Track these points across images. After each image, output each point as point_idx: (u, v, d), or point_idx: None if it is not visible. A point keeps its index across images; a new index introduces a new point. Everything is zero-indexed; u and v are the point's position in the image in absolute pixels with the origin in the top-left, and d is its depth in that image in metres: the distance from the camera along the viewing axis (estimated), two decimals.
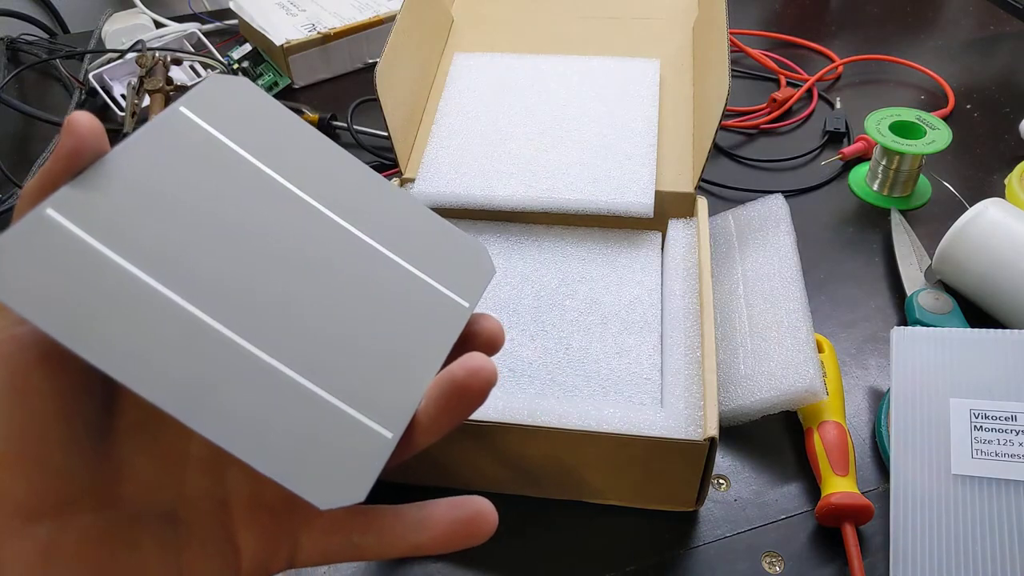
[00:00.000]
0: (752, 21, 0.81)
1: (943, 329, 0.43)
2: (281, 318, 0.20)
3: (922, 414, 0.40)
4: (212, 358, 0.19)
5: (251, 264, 0.21)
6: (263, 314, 0.20)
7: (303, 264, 0.22)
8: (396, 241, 0.24)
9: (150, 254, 0.19)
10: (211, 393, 0.18)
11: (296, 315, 0.21)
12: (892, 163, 0.58)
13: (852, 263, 0.55)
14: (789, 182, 0.61)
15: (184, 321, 0.19)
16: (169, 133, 0.21)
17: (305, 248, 0.22)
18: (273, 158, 0.23)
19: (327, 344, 0.21)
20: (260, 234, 0.21)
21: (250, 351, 0.19)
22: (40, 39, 0.82)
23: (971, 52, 0.77)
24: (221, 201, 0.21)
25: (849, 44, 0.77)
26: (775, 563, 0.39)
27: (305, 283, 0.21)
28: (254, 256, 0.21)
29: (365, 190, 0.24)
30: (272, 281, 0.21)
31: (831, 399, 0.43)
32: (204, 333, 0.19)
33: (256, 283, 0.20)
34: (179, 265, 0.19)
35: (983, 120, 0.68)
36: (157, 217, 0.20)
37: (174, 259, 0.19)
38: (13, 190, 0.61)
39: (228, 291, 0.20)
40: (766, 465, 0.43)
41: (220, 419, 0.18)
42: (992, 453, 0.38)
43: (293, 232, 0.22)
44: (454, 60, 0.59)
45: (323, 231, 0.22)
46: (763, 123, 0.67)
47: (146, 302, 0.19)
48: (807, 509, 0.41)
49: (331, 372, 0.20)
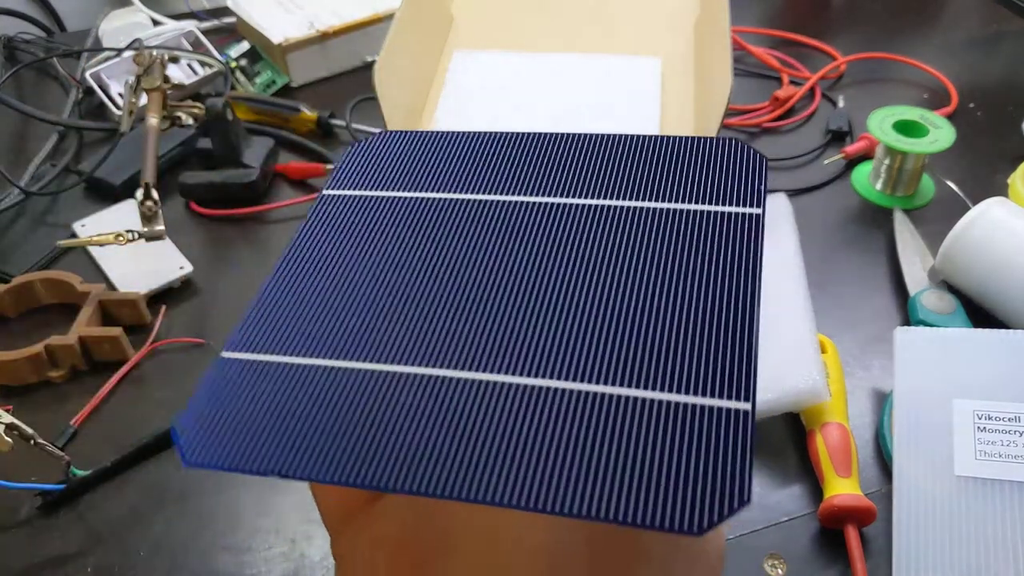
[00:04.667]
0: (754, 19, 0.81)
1: (946, 329, 0.42)
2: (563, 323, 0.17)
3: (925, 415, 0.40)
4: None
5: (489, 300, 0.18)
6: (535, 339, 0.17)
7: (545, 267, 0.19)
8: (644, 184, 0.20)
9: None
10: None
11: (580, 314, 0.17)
12: (895, 162, 0.58)
13: (855, 263, 0.54)
14: (791, 181, 0.61)
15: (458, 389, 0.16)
16: (325, 220, 0.20)
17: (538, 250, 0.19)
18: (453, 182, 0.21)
19: (621, 333, 0.17)
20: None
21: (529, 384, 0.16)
22: (37, 38, 0.81)
23: (974, 50, 0.76)
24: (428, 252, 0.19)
25: (851, 42, 0.76)
26: (777, 566, 0.39)
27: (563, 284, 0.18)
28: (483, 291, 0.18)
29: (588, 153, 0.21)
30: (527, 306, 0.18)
31: (834, 400, 0.43)
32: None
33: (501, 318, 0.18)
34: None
35: (986, 119, 0.67)
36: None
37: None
38: (10, 190, 0.61)
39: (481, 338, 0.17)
40: (768, 467, 0.43)
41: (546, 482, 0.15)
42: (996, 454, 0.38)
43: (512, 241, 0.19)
44: (454, 58, 0.59)
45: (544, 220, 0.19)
46: (765, 122, 0.67)
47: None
48: (810, 511, 0.41)
49: (636, 364, 0.16)
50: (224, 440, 0.16)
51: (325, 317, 0.18)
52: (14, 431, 0.40)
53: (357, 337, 0.17)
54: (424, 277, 0.19)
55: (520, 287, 0.18)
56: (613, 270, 0.18)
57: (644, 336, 0.17)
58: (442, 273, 0.19)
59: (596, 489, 0.14)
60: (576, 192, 0.20)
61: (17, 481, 0.41)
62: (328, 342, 0.17)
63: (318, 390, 0.17)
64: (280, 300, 0.18)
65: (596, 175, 0.20)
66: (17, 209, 0.61)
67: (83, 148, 0.67)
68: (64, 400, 0.47)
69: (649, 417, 0.16)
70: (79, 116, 0.69)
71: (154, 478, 0.43)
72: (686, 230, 0.19)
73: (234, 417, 0.16)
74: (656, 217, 0.19)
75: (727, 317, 0.17)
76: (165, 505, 0.42)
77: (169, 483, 0.43)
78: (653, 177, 0.20)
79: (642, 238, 0.19)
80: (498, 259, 0.19)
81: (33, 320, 0.52)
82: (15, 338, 0.51)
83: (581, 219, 0.19)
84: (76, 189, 0.62)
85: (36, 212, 0.61)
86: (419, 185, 0.21)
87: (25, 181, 0.62)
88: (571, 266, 0.18)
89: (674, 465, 0.15)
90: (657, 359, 0.16)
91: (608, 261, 0.18)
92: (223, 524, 0.41)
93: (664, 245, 0.19)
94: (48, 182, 0.63)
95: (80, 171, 0.63)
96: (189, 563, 0.40)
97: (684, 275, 0.18)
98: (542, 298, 0.18)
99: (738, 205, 0.19)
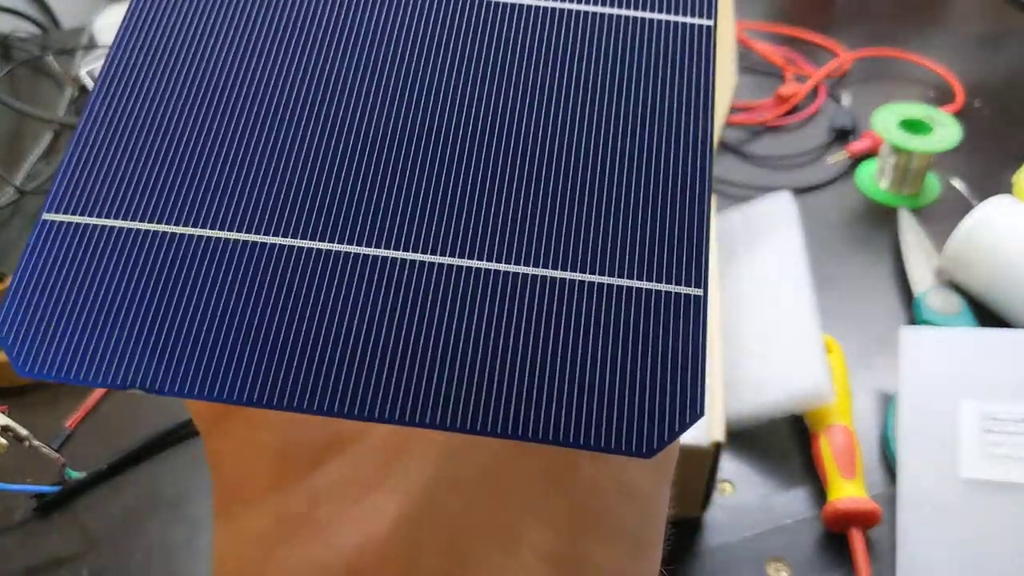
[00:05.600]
0: (758, 15, 0.80)
1: (952, 329, 0.42)
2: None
3: (931, 416, 0.39)
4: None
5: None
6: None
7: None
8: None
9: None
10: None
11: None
12: (900, 161, 0.57)
13: (859, 262, 0.54)
14: (795, 179, 0.60)
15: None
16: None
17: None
18: None
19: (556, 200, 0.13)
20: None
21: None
22: (32, 35, 0.81)
23: (980, 48, 0.76)
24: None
25: (856, 38, 0.76)
26: (781, 569, 0.38)
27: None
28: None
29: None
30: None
31: (838, 402, 0.42)
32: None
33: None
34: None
35: (991, 117, 0.67)
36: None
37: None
38: (5, 189, 0.60)
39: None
40: (772, 469, 0.42)
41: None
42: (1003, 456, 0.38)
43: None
44: None
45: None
46: (769, 119, 0.66)
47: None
48: (813, 514, 0.40)
49: (573, 243, 0.13)
50: (67, 338, 0.12)
51: (169, 164, 0.13)
52: (8, 432, 0.39)
53: (213, 196, 0.13)
54: (287, 104, 0.14)
55: (423, 111, 0.14)
56: (541, 98, 0.14)
57: (579, 197, 0.13)
58: (303, 91, 0.14)
59: (519, 403, 0.11)
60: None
61: (12, 483, 0.40)
62: (177, 201, 0.13)
63: (175, 268, 0.12)
64: (110, 140, 0.13)
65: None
66: (12, 208, 0.60)
67: None
68: (59, 402, 0.47)
69: (578, 303, 0.12)
70: (74, 114, 0.69)
71: (150, 480, 0.43)
72: (631, 44, 0.14)
73: (74, 304, 0.12)
74: (592, 25, 0.15)
75: (678, 176, 0.13)
76: (161, 508, 0.42)
77: (165, 486, 0.43)
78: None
79: (577, 54, 0.14)
80: (382, 64, 0.14)
81: None
82: None
83: (497, 18, 0.14)
84: None
85: (31, 211, 0.61)
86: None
87: (20, 180, 0.62)
88: (486, 81, 0.14)
89: (617, 370, 0.12)
90: (596, 229, 0.13)
91: (535, 86, 0.14)
92: None
93: (605, 69, 0.14)
94: (43, 181, 0.62)
95: None
96: (185, 566, 0.39)
97: (630, 113, 0.14)
98: (449, 129, 0.13)
99: (686, 14, 0.15)
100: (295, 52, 0.14)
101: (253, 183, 0.13)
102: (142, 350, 0.12)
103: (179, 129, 0.14)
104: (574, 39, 0.14)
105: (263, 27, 0.14)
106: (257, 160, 0.13)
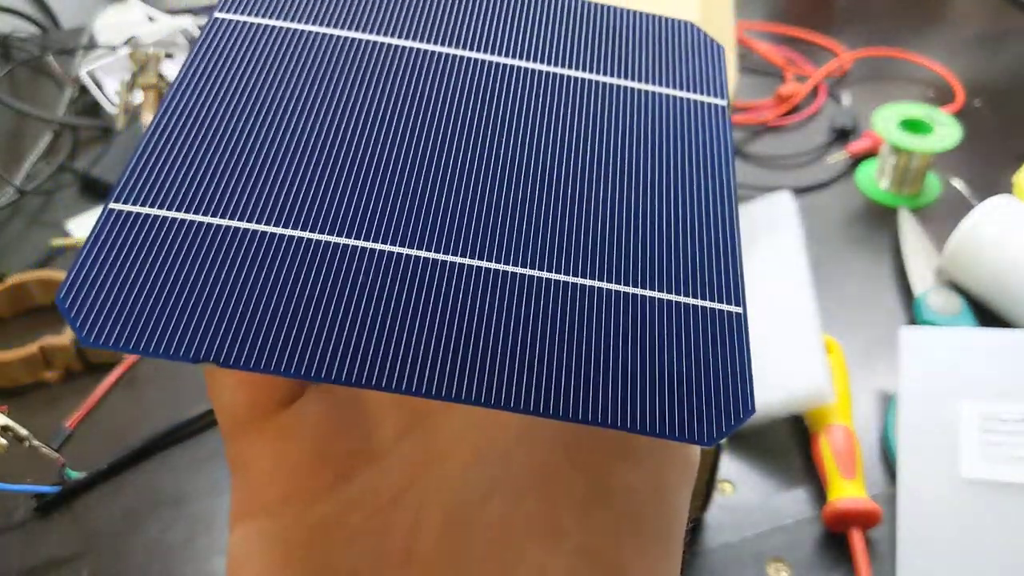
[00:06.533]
0: (758, 14, 0.80)
1: (953, 329, 0.42)
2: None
3: (931, 416, 0.39)
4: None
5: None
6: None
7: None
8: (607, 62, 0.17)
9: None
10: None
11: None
12: (900, 160, 0.57)
13: (859, 262, 0.54)
14: (795, 179, 0.60)
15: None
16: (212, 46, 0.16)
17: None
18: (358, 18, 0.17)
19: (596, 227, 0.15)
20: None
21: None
22: (32, 35, 0.81)
23: (981, 47, 0.76)
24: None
25: (857, 38, 0.76)
26: (781, 569, 0.38)
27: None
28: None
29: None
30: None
31: (838, 402, 0.42)
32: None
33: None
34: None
35: (991, 117, 0.67)
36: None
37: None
38: (4, 189, 0.60)
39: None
40: (772, 470, 0.42)
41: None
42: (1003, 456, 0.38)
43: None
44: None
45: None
46: (769, 119, 0.66)
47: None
48: (814, 514, 0.40)
49: (628, 260, 0.15)
50: (135, 314, 0.13)
51: (239, 170, 0.15)
52: (8, 432, 0.39)
53: (281, 198, 0.15)
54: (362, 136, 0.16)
55: (476, 154, 0.16)
56: (578, 155, 0.16)
57: (631, 233, 0.15)
58: (381, 132, 0.16)
59: (582, 391, 0.13)
60: (521, 54, 0.17)
61: (12, 483, 0.40)
62: (249, 201, 0.14)
63: (240, 258, 0.14)
64: (182, 142, 0.15)
65: (543, 39, 0.18)
66: (11, 208, 0.60)
67: (78, 146, 0.66)
68: (59, 401, 0.47)
69: (651, 315, 0.14)
70: (74, 114, 0.69)
71: (150, 481, 0.43)
72: (656, 115, 0.17)
73: (141, 286, 0.13)
74: (619, 96, 0.17)
75: (711, 218, 0.16)
76: (161, 508, 0.42)
77: (165, 486, 0.43)
78: (607, 50, 0.18)
79: (611, 119, 0.16)
80: (441, 119, 0.16)
81: (27, 321, 0.52)
82: (9, 339, 0.50)
83: (533, 86, 0.17)
84: (71, 188, 0.61)
85: (30, 211, 0.60)
86: (333, 19, 0.17)
87: (19, 180, 0.62)
88: (532, 138, 0.16)
89: (684, 368, 0.14)
90: (652, 259, 0.15)
91: (569, 143, 0.16)
92: (219, 527, 0.41)
93: (635, 130, 0.16)
94: (43, 181, 0.62)
95: (75, 170, 0.62)
96: (185, 567, 0.39)
97: (664, 169, 0.16)
98: (511, 173, 0.15)
99: (703, 94, 0.17)
100: (344, 96, 0.16)
101: (315, 192, 0.15)
102: (216, 326, 0.13)
103: (243, 146, 0.15)
104: (610, 108, 0.17)
105: (324, 77, 0.17)
106: (313, 174, 0.15)
